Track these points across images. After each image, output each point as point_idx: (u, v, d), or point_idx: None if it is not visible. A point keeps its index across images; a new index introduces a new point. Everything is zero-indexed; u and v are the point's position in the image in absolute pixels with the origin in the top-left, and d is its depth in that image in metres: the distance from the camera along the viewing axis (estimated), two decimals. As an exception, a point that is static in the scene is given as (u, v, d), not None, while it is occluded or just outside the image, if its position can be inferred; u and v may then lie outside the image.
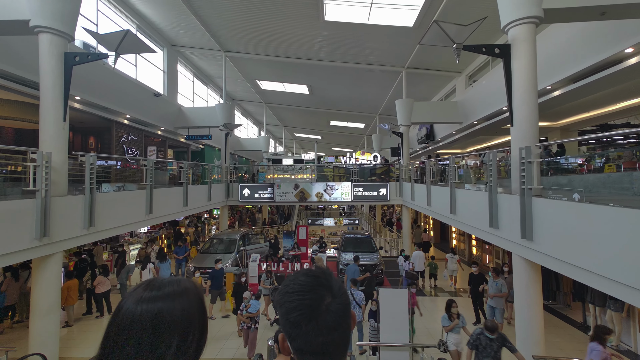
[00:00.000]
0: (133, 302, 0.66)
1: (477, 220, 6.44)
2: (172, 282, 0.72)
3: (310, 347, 0.73)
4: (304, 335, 0.72)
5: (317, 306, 0.73)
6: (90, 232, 6.17)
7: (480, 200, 6.35)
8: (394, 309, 4.74)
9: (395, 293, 4.86)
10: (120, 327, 0.64)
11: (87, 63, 9.32)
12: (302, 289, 0.75)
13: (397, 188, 13.62)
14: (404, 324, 4.72)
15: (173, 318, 0.66)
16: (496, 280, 7.43)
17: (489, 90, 11.20)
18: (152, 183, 8.14)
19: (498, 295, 7.29)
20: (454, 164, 7.72)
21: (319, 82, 17.37)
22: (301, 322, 0.72)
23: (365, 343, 5.18)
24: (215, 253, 10.81)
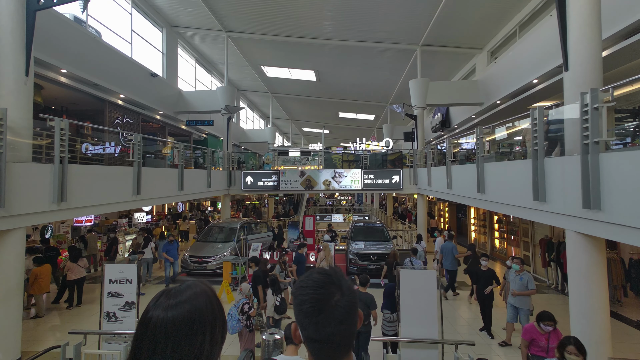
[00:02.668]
0: (162, 310, 0.75)
1: (515, 196, 5.38)
2: (189, 286, 0.82)
3: (319, 335, 0.81)
4: (314, 325, 0.81)
5: (328, 301, 0.82)
6: (61, 208, 5.34)
7: (518, 171, 5.30)
8: (418, 295, 3.74)
9: (421, 275, 3.86)
10: (157, 335, 0.72)
11: (73, 32, 8.54)
12: (315, 285, 0.85)
13: (411, 175, 12.53)
14: (431, 314, 3.71)
15: (202, 316, 0.76)
16: (520, 274, 5.83)
17: (517, 63, 10.05)
18: (139, 160, 7.32)
19: (524, 293, 5.66)
20: (481, 134, 6.66)
21: (326, 66, 16.39)
22: (312, 313, 0.81)
23: (382, 338, 4.19)
24: (214, 242, 9.96)
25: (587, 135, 3.70)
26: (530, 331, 3.99)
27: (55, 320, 6.65)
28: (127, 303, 4.15)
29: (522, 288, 5.68)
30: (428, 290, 3.77)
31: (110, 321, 4.13)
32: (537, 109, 4.65)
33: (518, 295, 5.65)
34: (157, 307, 0.75)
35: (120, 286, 4.17)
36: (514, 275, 5.87)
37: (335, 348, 0.82)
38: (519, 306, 5.69)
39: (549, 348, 3.82)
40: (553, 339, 3.85)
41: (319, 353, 0.83)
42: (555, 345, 3.74)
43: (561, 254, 7.83)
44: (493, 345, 5.78)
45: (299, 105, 25.70)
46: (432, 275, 3.87)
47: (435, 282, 3.81)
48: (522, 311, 5.73)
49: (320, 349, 0.83)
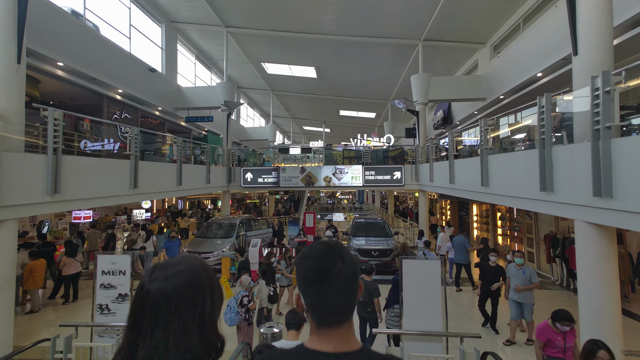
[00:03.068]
0: (161, 281, 0.77)
1: (521, 187, 5.23)
2: (183, 257, 0.85)
3: (322, 302, 0.86)
4: (317, 292, 0.86)
5: (330, 269, 0.86)
6: (55, 200, 5.22)
7: (524, 161, 5.15)
8: (421, 286, 3.59)
9: (424, 266, 3.70)
10: (159, 304, 0.75)
11: (70, 25, 8.41)
12: (318, 254, 0.88)
13: (412, 171, 12.37)
14: (435, 306, 3.56)
15: (201, 281, 0.81)
16: (522, 268, 5.58)
17: (520, 56, 9.88)
18: (136, 153, 7.19)
19: (529, 287, 5.43)
20: (485, 126, 6.51)
21: (327, 62, 16.25)
22: (315, 281, 0.86)
23: (382, 331, 4.05)
24: (213, 237, 9.83)
25: (598, 121, 3.55)
26: (545, 331, 3.64)
27: (50, 316, 6.53)
28: (120, 295, 4.02)
29: (525, 282, 5.44)
30: (432, 281, 3.62)
31: (103, 314, 4.00)
32: (544, 96, 4.50)
33: (523, 290, 5.41)
34: (154, 280, 0.78)
35: (114, 277, 4.04)
36: (515, 270, 5.62)
37: (337, 313, 0.86)
38: (523, 301, 5.46)
39: (565, 348, 3.55)
40: (570, 338, 3.59)
41: (322, 318, 0.87)
42: (572, 345, 3.51)
43: (567, 249, 7.67)
44: (498, 341, 5.62)
45: (299, 103, 25.57)
46: (436, 265, 3.72)
47: (440, 272, 3.67)
48: (526, 307, 5.49)
49: (324, 315, 0.86)
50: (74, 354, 3.45)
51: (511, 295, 5.55)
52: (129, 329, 0.76)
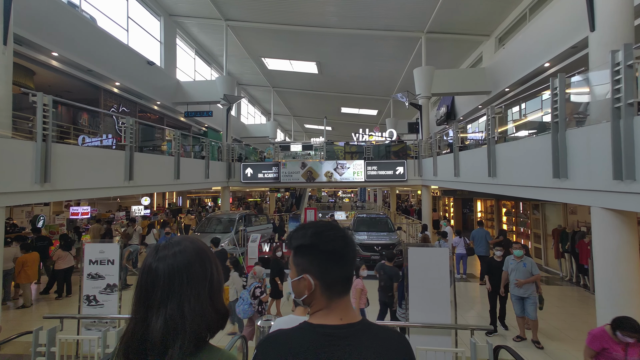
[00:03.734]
0: (170, 257, 0.83)
1: (531, 175, 4.98)
2: (184, 237, 0.91)
3: (344, 272, 0.89)
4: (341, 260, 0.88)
5: (348, 236, 0.92)
6: (44, 189, 5.01)
7: (535, 148, 4.91)
8: (428, 276, 3.35)
9: (431, 254, 3.45)
10: (172, 276, 0.80)
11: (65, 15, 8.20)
12: (330, 227, 0.92)
13: (415, 166, 12.12)
14: (443, 297, 3.32)
15: (207, 252, 0.89)
16: (522, 260, 5.21)
17: (527, 47, 9.63)
18: (132, 144, 6.98)
19: (530, 280, 5.07)
20: (493, 114, 6.27)
21: (328, 57, 16.02)
22: (342, 250, 0.89)
23: (387, 322, 3.80)
24: (212, 233, 9.62)
25: (619, 98, 3.30)
26: (600, 338, 3.06)
27: (43, 311, 6.33)
28: (108, 285, 3.80)
29: (526, 275, 5.10)
30: (440, 271, 3.38)
31: (91, 305, 3.78)
32: (557, 76, 4.25)
33: (524, 283, 5.05)
34: (162, 259, 0.82)
35: (101, 267, 3.82)
36: (515, 263, 5.26)
37: (349, 280, 0.91)
38: (526, 295, 5.09)
39: None
40: (633, 352, 2.92)
41: (337, 290, 0.87)
42: None
43: (577, 244, 7.40)
44: (508, 337, 5.36)
45: (300, 100, 25.36)
46: (444, 253, 3.47)
47: (448, 261, 3.42)
48: (528, 301, 5.09)
49: (341, 284, 0.88)
50: (57, 347, 3.24)
51: (512, 290, 5.21)
52: (138, 306, 0.79)
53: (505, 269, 5.39)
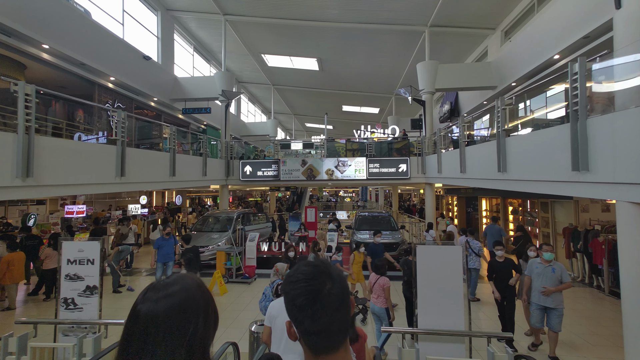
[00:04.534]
0: (152, 303, 0.75)
1: (547, 169, 4.64)
2: (180, 277, 0.83)
3: (316, 326, 0.80)
4: (309, 317, 0.80)
5: (320, 290, 0.81)
6: (27, 185, 4.71)
7: (550, 139, 4.58)
8: (439, 277, 3.02)
9: (442, 252, 3.11)
10: (147, 326, 0.72)
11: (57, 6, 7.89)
12: (306, 277, 0.84)
13: (418, 163, 11.78)
14: (456, 300, 2.99)
15: (195, 303, 0.78)
16: (551, 265, 4.54)
17: (535, 39, 9.27)
18: (123, 139, 6.68)
19: (560, 288, 4.41)
20: (503, 105, 5.93)
21: (329, 53, 15.71)
22: (306, 305, 0.80)
23: (393, 328, 3.48)
24: (209, 231, 9.31)
25: (652, 79, 2.96)
26: None
27: (29, 313, 6.04)
28: (88, 287, 3.50)
29: (555, 283, 4.41)
30: (452, 271, 3.05)
31: (69, 309, 3.48)
32: (577, 60, 3.92)
33: (554, 292, 4.37)
34: (145, 301, 0.76)
35: (81, 267, 3.52)
36: (542, 268, 4.58)
37: (333, 336, 0.82)
38: (553, 306, 4.38)
39: None
40: None
41: (318, 344, 0.82)
42: None
43: (589, 243, 7.05)
44: (522, 344, 4.99)
45: (301, 98, 25.06)
46: (457, 252, 3.14)
47: (461, 260, 3.10)
48: (554, 313, 4.37)
49: (318, 340, 0.82)
50: (29, 355, 2.94)
51: (535, 299, 4.54)
52: (120, 350, 0.74)
53: (528, 273, 4.75)
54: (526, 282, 4.78)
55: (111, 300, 6.91)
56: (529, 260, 4.95)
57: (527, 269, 4.85)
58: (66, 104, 11.93)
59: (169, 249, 7.45)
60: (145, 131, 11.79)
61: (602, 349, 4.67)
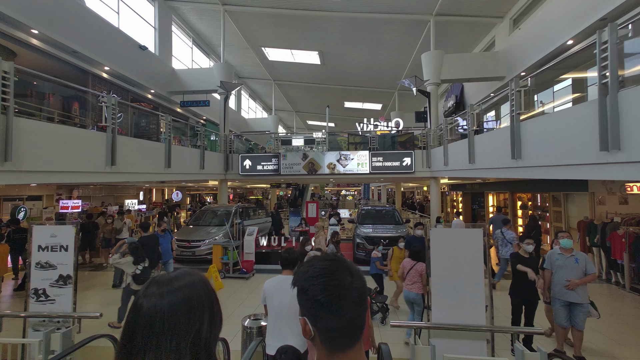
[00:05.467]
0: (156, 297, 0.73)
1: (568, 151, 4.25)
2: (184, 272, 0.81)
3: (339, 323, 0.78)
4: (334, 312, 0.77)
5: (344, 285, 0.79)
6: (5, 169, 4.36)
7: (573, 119, 4.19)
8: (456, 264, 2.63)
9: (460, 236, 2.70)
10: (152, 322, 0.71)
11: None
12: (326, 272, 0.81)
13: (423, 157, 11.39)
14: (476, 291, 2.60)
15: (199, 298, 0.77)
16: (573, 255, 4.08)
17: (546, 25, 8.87)
18: (114, 126, 6.34)
19: (586, 280, 3.96)
20: (518, 87, 5.55)
21: (331, 45, 15.33)
22: (332, 301, 0.77)
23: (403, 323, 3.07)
24: (206, 226, 8.96)
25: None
26: None
27: (14, 308, 5.70)
28: (61, 277, 3.14)
29: (579, 275, 3.95)
30: (471, 257, 2.66)
31: (39, 301, 3.13)
32: (608, 27, 3.53)
33: (579, 285, 3.88)
34: (148, 296, 0.74)
35: (53, 255, 3.17)
36: (564, 259, 4.08)
37: (353, 333, 0.80)
38: (579, 301, 3.90)
39: None
40: None
41: (337, 341, 0.80)
42: None
43: (608, 236, 6.64)
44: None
45: (302, 94, 24.71)
46: (478, 235, 2.73)
47: (482, 245, 2.70)
48: (579, 309, 3.91)
49: (339, 337, 0.79)
50: (-9, 352, 2.61)
51: (559, 294, 4.02)
52: (121, 346, 0.72)
53: (547, 266, 4.19)
54: (546, 276, 4.25)
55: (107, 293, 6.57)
56: (548, 253, 4.45)
57: (545, 261, 4.33)
58: (61, 97, 11.61)
59: (166, 246, 6.85)
60: (143, 125, 11.45)
61: (632, 349, 4.28)
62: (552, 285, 4.18)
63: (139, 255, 5.03)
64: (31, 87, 9.92)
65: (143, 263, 5.03)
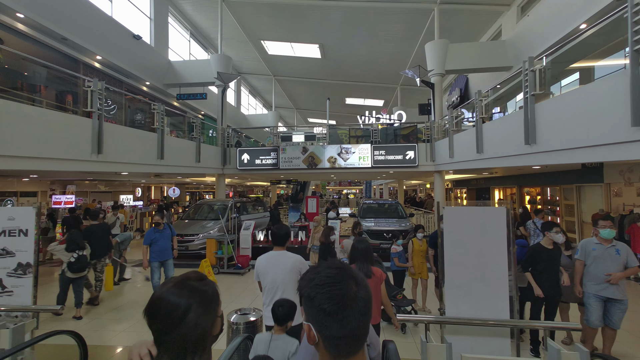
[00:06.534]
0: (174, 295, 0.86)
1: (594, 131, 3.85)
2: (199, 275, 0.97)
3: (344, 331, 0.78)
4: (338, 321, 0.78)
5: (349, 295, 0.80)
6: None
7: (600, 94, 3.79)
8: (474, 247, 2.23)
9: (479, 215, 2.27)
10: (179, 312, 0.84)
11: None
12: (332, 281, 0.82)
13: (427, 150, 10.98)
14: (499, 279, 2.18)
15: (215, 293, 0.94)
16: (614, 245, 3.58)
17: (557, 9, 8.47)
18: (100, 112, 5.99)
19: (629, 273, 3.52)
20: (532, 67, 5.16)
21: (331, 38, 14.95)
22: (337, 310, 0.78)
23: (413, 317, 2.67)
24: (202, 220, 8.59)
25: None
26: None
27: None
28: (20, 265, 2.77)
29: (620, 268, 3.46)
30: (493, 239, 2.24)
31: (-4, 293, 2.76)
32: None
33: (622, 278, 3.40)
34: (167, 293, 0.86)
35: (11, 240, 2.79)
36: (601, 250, 3.57)
37: (356, 341, 0.81)
38: (620, 297, 3.42)
39: None
40: None
41: (341, 349, 0.81)
42: None
43: (627, 229, 6.22)
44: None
45: (303, 90, 24.35)
46: (501, 213, 2.30)
47: (506, 225, 2.28)
48: (617, 307, 3.44)
49: (343, 345, 0.80)
50: None
51: (593, 289, 3.53)
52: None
53: (580, 257, 3.68)
54: (578, 268, 3.70)
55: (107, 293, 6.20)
56: (581, 242, 3.85)
57: (578, 251, 3.78)
58: (54, 90, 11.26)
59: (164, 243, 5.72)
60: (138, 119, 11.08)
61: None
62: (584, 279, 3.68)
63: (72, 243, 4.98)
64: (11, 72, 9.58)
65: (79, 251, 4.98)
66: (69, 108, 10.26)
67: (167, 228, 5.88)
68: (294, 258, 2.71)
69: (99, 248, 5.54)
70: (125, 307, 5.68)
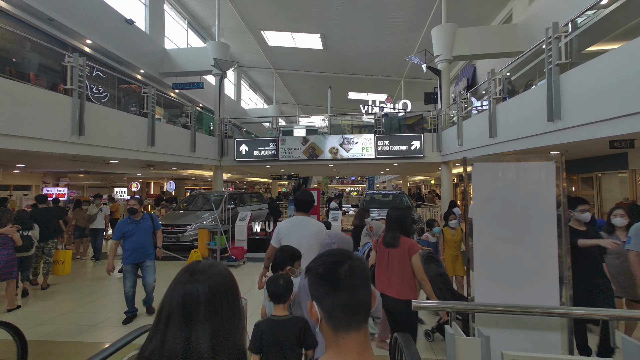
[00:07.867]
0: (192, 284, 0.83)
1: (637, 96, 3.32)
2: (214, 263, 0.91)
3: (338, 297, 0.81)
4: (331, 285, 0.81)
5: (341, 263, 0.84)
6: None
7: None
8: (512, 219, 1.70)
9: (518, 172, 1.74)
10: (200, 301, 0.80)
11: None
12: (329, 253, 0.89)
13: (433, 140, 10.45)
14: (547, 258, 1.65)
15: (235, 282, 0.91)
16: None
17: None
18: (80, 90, 5.53)
19: None
20: (557, 33, 4.64)
21: (333, 27, 14.44)
22: (329, 273, 0.83)
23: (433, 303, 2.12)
24: (196, 210, 8.12)
25: None
26: None
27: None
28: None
29: None
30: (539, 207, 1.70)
31: None
32: None
33: None
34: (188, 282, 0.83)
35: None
36: None
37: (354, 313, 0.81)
38: None
39: None
40: None
41: (341, 322, 0.81)
42: None
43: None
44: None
45: (305, 84, 23.86)
46: (550, 170, 1.77)
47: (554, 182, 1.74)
48: None
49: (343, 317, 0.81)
50: None
51: None
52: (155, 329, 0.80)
53: (634, 247, 2.85)
54: (634, 259, 2.90)
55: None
56: (633, 227, 3.00)
57: (630, 240, 2.93)
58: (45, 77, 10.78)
59: (141, 238, 4.20)
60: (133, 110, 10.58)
61: None
62: None
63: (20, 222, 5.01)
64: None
65: (25, 231, 5.02)
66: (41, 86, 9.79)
67: (147, 218, 4.37)
68: (320, 225, 2.71)
69: (44, 231, 5.58)
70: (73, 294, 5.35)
